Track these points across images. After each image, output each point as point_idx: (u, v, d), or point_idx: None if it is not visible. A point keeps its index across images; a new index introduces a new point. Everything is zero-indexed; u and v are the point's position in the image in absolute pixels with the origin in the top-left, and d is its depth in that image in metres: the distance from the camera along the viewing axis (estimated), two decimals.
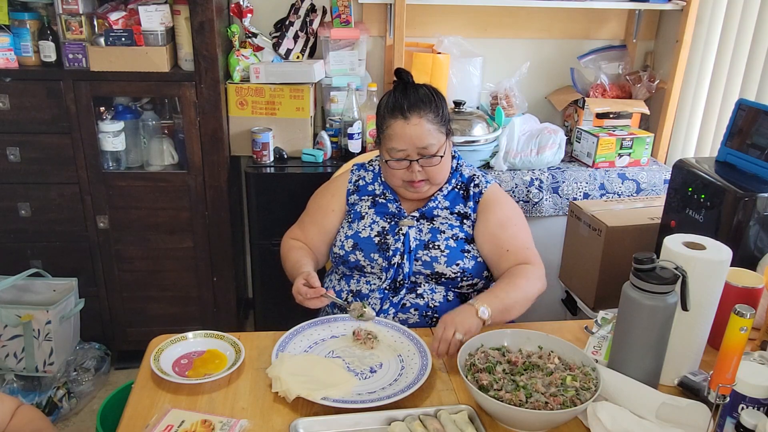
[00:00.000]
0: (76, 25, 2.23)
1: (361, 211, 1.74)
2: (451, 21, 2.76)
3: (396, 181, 1.68)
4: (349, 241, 1.70)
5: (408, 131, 1.61)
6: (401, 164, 1.65)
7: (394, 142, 1.63)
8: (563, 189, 2.55)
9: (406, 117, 1.62)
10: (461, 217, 1.70)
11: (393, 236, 1.67)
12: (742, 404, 1.11)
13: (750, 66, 2.31)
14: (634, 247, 1.79)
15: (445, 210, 1.71)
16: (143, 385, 1.31)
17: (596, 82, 2.80)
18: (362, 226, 1.71)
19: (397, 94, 1.65)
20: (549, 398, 1.18)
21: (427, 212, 1.71)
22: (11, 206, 2.42)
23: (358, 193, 1.78)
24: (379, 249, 1.67)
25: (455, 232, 1.67)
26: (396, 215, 1.71)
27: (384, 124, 1.67)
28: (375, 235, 1.68)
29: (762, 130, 1.83)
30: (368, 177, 1.80)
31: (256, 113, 2.48)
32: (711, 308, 1.30)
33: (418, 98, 1.63)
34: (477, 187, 1.73)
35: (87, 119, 2.33)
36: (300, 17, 2.53)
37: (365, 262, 1.67)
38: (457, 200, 1.72)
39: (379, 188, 1.76)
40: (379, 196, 1.75)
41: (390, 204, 1.73)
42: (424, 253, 1.64)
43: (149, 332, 1.58)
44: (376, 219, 1.71)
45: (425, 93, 1.65)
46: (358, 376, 1.35)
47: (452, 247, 1.65)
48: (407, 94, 1.64)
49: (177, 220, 2.49)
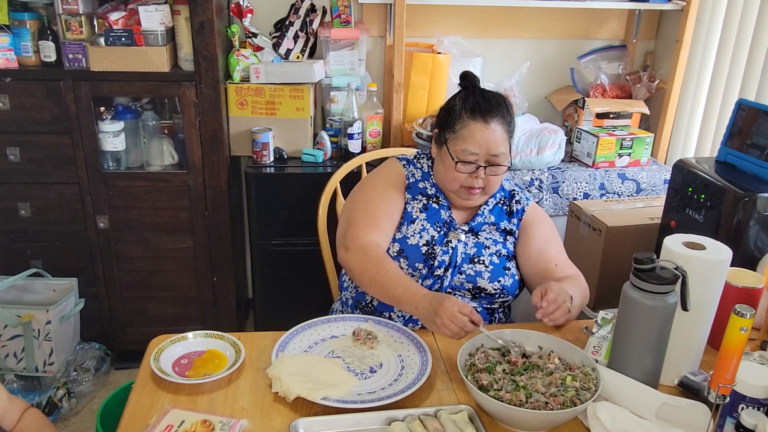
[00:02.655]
0: (76, 25, 2.23)
1: (413, 213, 1.66)
2: (451, 21, 2.76)
3: (454, 184, 1.61)
4: (395, 245, 1.62)
5: (486, 136, 1.55)
6: (468, 167, 1.57)
7: (469, 144, 1.56)
8: (563, 189, 2.55)
9: (486, 121, 1.56)
10: (505, 234, 1.68)
11: (441, 247, 1.63)
12: (742, 404, 1.11)
13: (750, 66, 2.31)
14: (634, 247, 1.80)
15: (492, 225, 1.68)
16: (143, 385, 1.31)
17: (596, 82, 2.80)
18: (411, 231, 1.64)
19: (477, 96, 1.59)
20: (549, 398, 1.18)
21: (476, 227, 1.67)
22: (11, 206, 2.42)
23: (410, 191, 1.69)
24: (426, 259, 1.62)
25: (499, 248, 1.65)
26: (447, 224, 1.66)
27: (459, 124, 1.58)
28: (423, 244, 1.62)
29: (762, 130, 1.83)
30: (417, 174, 1.71)
31: (256, 113, 2.48)
32: (711, 308, 1.30)
33: (497, 103, 1.58)
34: (519, 204, 1.71)
35: (87, 119, 2.33)
36: (300, 17, 2.53)
37: (407, 271, 1.62)
38: (501, 216, 1.70)
39: (431, 189, 1.69)
40: (432, 199, 1.68)
41: (443, 211, 1.66)
42: (469, 267, 1.62)
43: (149, 332, 1.58)
44: (427, 226, 1.64)
45: (502, 100, 1.60)
46: (358, 376, 1.34)
47: (496, 263, 1.63)
48: (487, 98, 1.58)
49: (177, 220, 2.49)
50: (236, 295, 2.67)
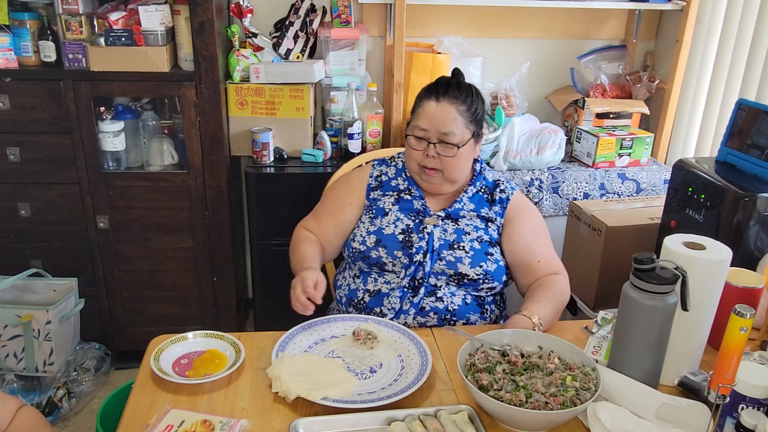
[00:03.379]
0: (76, 25, 2.23)
1: (385, 207, 1.72)
2: (451, 21, 2.76)
3: (412, 164, 1.68)
4: (372, 237, 1.68)
5: (435, 113, 1.62)
6: (420, 144, 1.65)
7: (420, 119, 1.65)
8: (563, 189, 2.55)
9: (438, 99, 1.63)
10: (486, 221, 1.70)
11: (417, 234, 1.66)
12: (742, 404, 1.11)
13: (750, 66, 2.31)
14: (634, 247, 1.80)
15: (471, 212, 1.70)
16: (143, 385, 1.31)
17: (596, 82, 2.80)
18: (386, 222, 1.69)
19: (441, 79, 1.68)
20: (549, 398, 1.18)
21: (453, 213, 1.70)
22: (11, 206, 2.42)
23: (381, 189, 1.76)
24: (403, 246, 1.65)
25: (480, 234, 1.67)
26: (421, 212, 1.70)
27: (418, 104, 1.68)
28: (399, 233, 1.67)
29: (762, 130, 1.83)
30: (391, 172, 1.78)
31: (256, 113, 2.48)
32: (711, 308, 1.30)
33: (456, 86, 1.65)
34: (503, 192, 1.72)
35: (87, 119, 2.33)
36: (300, 17, 2.53)
37: (387, 259, 1.66)
38: (482, 203, 1.72)
39: (403, 183, 1.75)
40: (404, 192, 1.74)
41: (415, 201, 1.72)
42: (448, 253, 1.64)
43: (149, 332, 1.58)
44: (401, 216, 1.70)
45: (466, 87, 1.67)
46: (358, 376, 1.35)
47: (477, 249, 1.65)
48: (449, 82, 1.66)
49: (177, 220, 2.49)
50: (236, 295, 2.67)
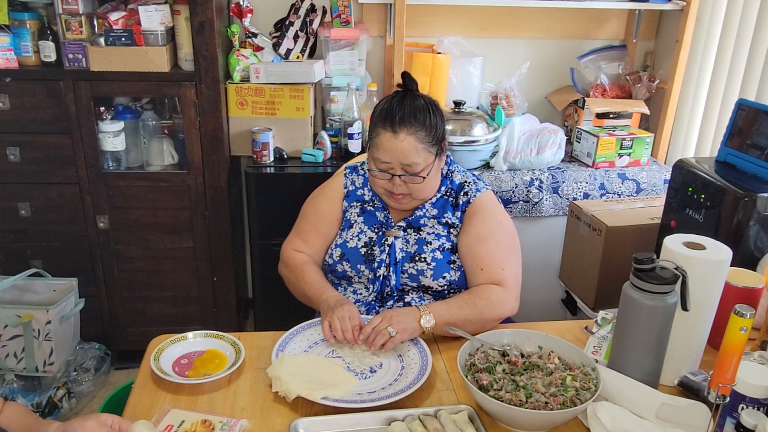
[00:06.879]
0: (76, 25, 2.23)
1: (351, 219, 1.69)
2: (451, 21, 2.76)
3: (379, 189, 1.62)
4: (338, 251, 1.66)
5: (395, 146, 1.52)
6: (384, 176, 1.57)
7: (380, 153, 1.55)
8: (563, 189, 2.55)
9: (395, 131, 1.52)
10: (448, 227, 1.64)
11: (379, 247, 1.63)
12: (742, 404, 1.11)
13: (750, 66, 2.31)
14: (634, 247, 1.79)
15: (433, 219, 1.65)
16: (143, 385, 1.31)
17: (596, 82, 2.80)
18: (350, 235, 1.66)
19: (393, 103, 1.55)
20: (549, 398, 1.18)
21: (414, 221, 1.65)
22: (11, 206, 2.42)
23: (347, 199, 1.72)
24: (366, 260, 1.63)
25: (442, 242, 1.62)
26: (384, 224, 1.66)
27: (374, 132, 1.58)
28: (362, 246, 1.64)
29: (762, 130, 1.83)
30: (358, 182, 1.73)
31: (256, 113, 2.48)
32: (711, 308, 1.30)
33: (412, 112, 1.53)
34: (466, 195, 1.65)
35: (87, 119, 2.33)
36: (300, 17, 2.53)
37: (352, 273, 1.64)
38: (446, 208, 1.65)
39: (368, 194, 1.70)
40: (368, 203, 1.69)
41: (378, 212, 1.68)
42: (410, 265, 1.61)
43: (149, 332, 1.58)
44: (364, 228, 1.66)
45: (422, 107, 1.55)
46: (358, 376, 1.35)
47: (438, 259, 1.60)
48: (402, 105, 1.54)
49: (177, 220, 2.49)
50: (236, 295, 2.67)
